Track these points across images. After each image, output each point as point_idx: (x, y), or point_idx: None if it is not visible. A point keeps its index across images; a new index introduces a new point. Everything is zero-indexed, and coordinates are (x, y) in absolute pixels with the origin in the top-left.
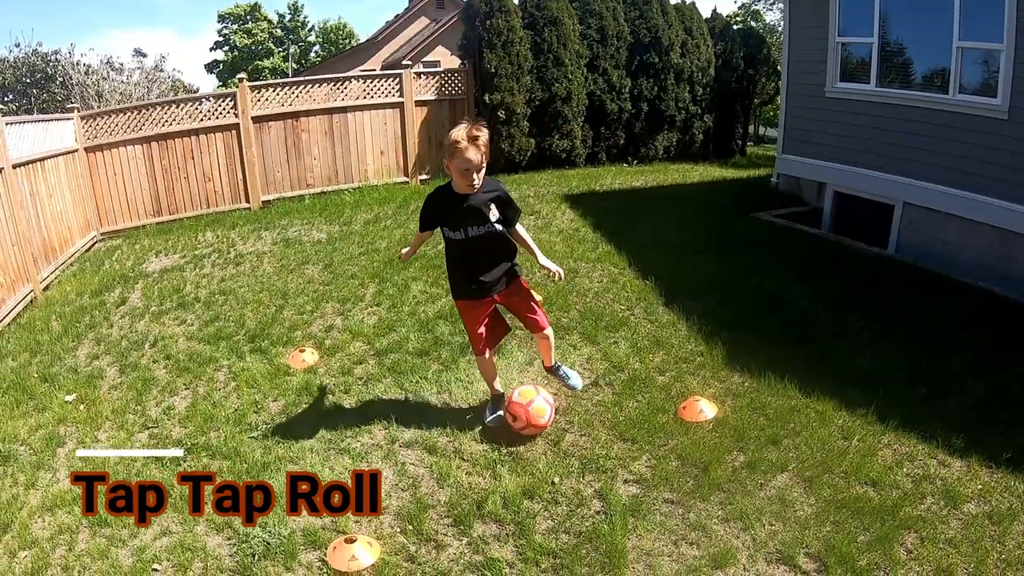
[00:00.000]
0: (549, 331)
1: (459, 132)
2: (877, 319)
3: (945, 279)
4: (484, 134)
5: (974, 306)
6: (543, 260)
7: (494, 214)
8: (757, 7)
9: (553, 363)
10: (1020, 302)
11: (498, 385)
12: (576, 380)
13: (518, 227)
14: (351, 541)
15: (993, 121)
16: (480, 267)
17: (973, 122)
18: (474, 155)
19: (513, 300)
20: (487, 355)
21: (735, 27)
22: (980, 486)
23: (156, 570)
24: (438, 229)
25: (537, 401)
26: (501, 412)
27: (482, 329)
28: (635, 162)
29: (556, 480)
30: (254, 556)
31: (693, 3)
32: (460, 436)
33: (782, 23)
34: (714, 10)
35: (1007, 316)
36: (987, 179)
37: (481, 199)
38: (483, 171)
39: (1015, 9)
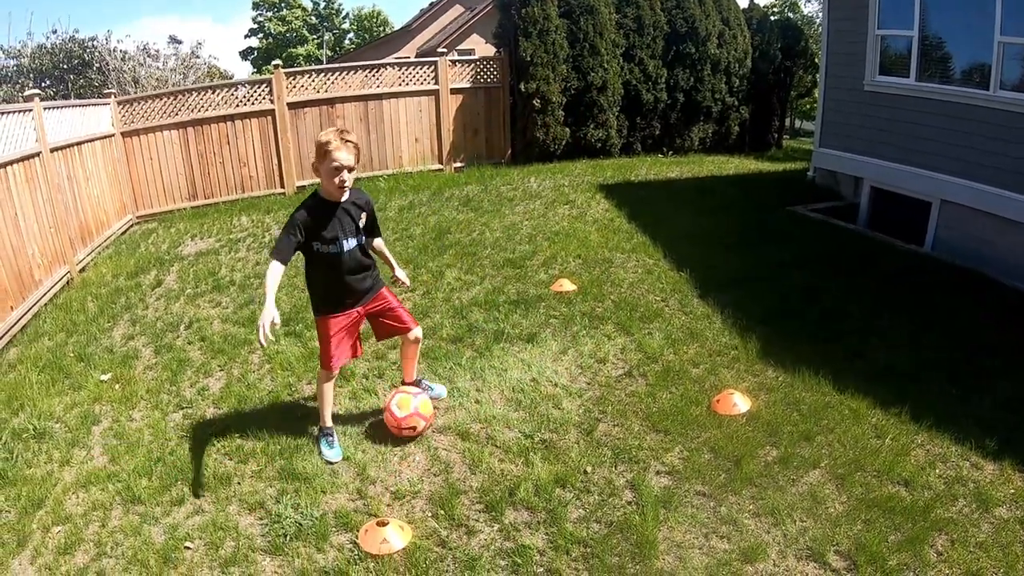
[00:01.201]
0: (418, 332)
1: (329, 133)
2: (912, 317)
3: (983, 278)
4: (354, 136)
5: (1012, 306)
6: (399, 272)
7: (362, 222)
8: None
9: (415, 377)
10: None
11: (330, 416)
12: (439, 389)
13: (378, 240)
14: (383, 524)
15: None
16: (354, 281)
17: (1014, 119)
18: (344, 155)
19: (376, 310)
20: (336, 372)
21: (773, 18)
22: (1013, 490)
23: (188, 548)
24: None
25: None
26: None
27: (346, 344)
28: (670, 153)
29: (588, 469)
30: (286, 536)
31: None
32: (493, 423)
33: (820, 15)
34: (751, 0)
35: None
36: None
37: (353, 210)
38: (353, 174)
39: None
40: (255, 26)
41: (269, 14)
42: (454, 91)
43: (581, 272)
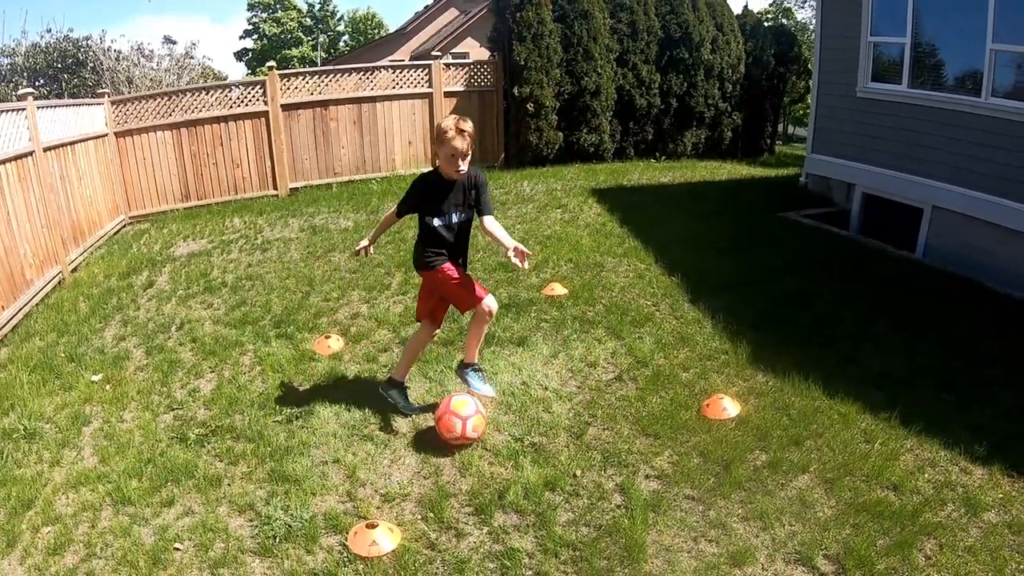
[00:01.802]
0: (493, 303)
1: (448, 122)
2: (903, 323)
3: (974, 285)
4: (470, 125)
5: (1001, 313)
6: (511, 250)
7: (471, 200)
8: (789, 4)
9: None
10: None
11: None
12: (486, 388)
13: (489, 219)
14: (372, 526)
15: None
16: (456, 251)
17: (1005, 126)
18: (460, 143)
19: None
20: (436, 330)
21: (766, 24)
22: (1001, 495)
23: (178, 549)
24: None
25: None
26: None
27: (431, 301)
28: (663, 158)
29: (578, 473)
30: (275, 538)
31: None
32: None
33: (814, 21)
34: (745, 6)
35: None
36: (1019, 184)
37: (466, 185)
38: (468, 159)
39: None
40: (250, 27)
41: (264, 15)
42: (448, 94)
43: (572, 276)
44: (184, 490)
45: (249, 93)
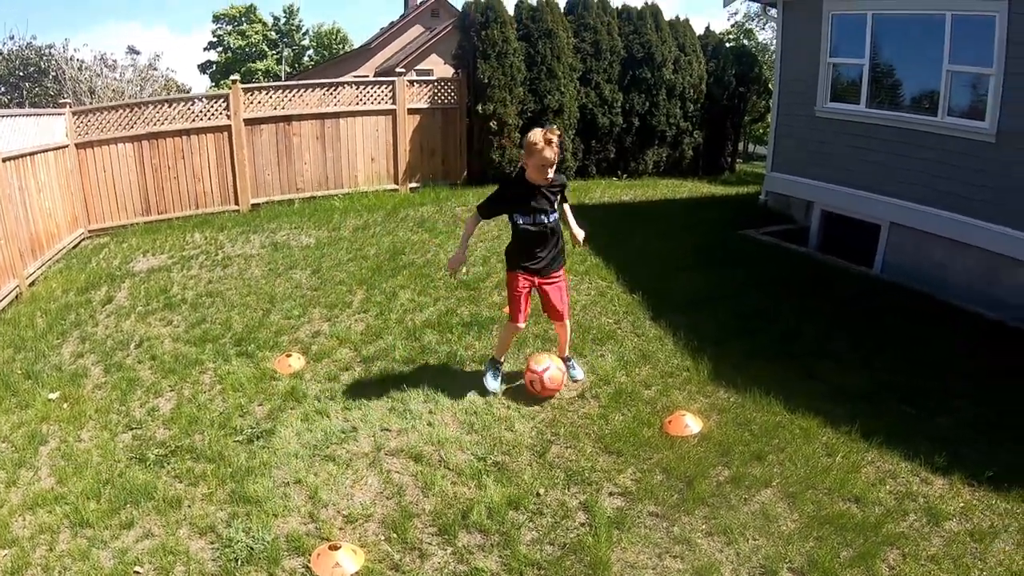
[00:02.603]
0: (568, 323)
1: (537, 135)
2: (862, 338)
3: (930, 299)
4: (557, 135)
5: (960, 327)
6: (575, 228)
7: (557, 203)
8: (750, 26)
9: (567, 354)
10: (1006, 323)
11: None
12: (579, 373)
13: (565, 205)
14: (335, 548)
15: (981, 144)
16: (539, 251)
17: (961, 145)
18: (549, 154)
19: (546, 288)
20: (522, 325)
21: (728, 45)
22: (962, 504)
23: (138, 572)
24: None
25: (551, 369)
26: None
27: (523, 299)
28: (625, 176)
29: (541, 491)
30: (237, 561)
31: (687, 20)
32: (446, 445)
33: (774, 42)
34: (707, 27)
35: (994, 337)
36: (974, 201)
37: (553, 190)
38: (555, 167)
39: (1005, 34)
40: (215, 39)
41: (229, 28)
42: (411, 111)
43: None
44: (143, 512)
45: (212, 106)
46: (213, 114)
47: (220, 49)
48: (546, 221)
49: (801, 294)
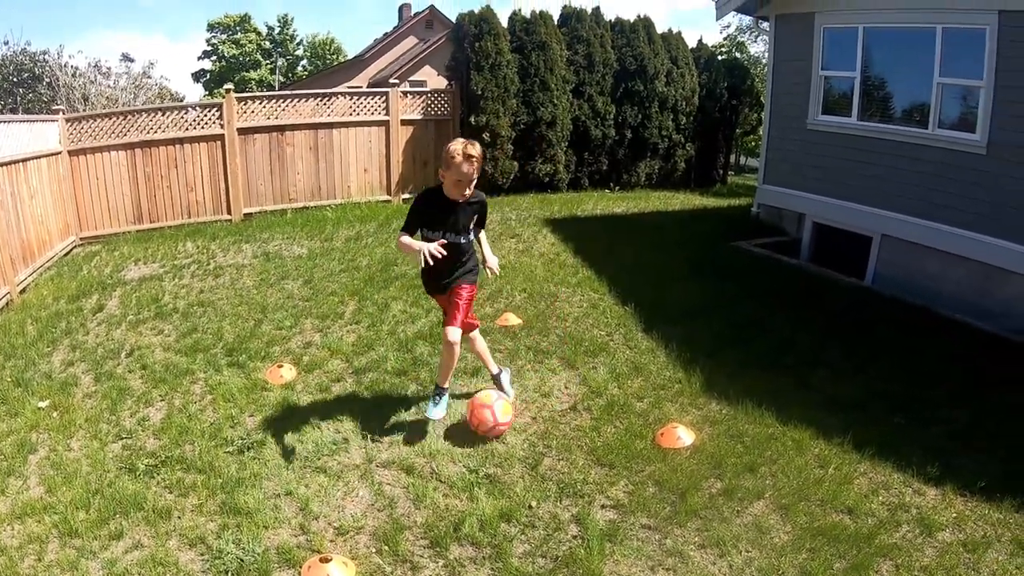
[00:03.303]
0: (452, 336)
1: (456, 147)
2: (854, 349)
3: (922, 311)
4: (478, 150)
5: (951, 338)
6: (488, 255)
7: (472, 223)
8: (742, 39)
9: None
10: (996, 334)
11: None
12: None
13: (481, 231)
14: (326, 560)
15: (971, 156)
16: (442, 270)
17: (952, 157)
18: (467, 168)
19: (443, 299)
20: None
21: (720, 58)
22: (955, 514)
23: None
24: None
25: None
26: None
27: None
28: (617, 188)
29: (533, 504)
30: (227, 572)
31: (679, 33)
32: (438, 457)
33: (766, 55)
34: (700, 40)
35: (985, 348)
36: (964, 213)
37: (467, 210)
38: (474, 183)
39: (995, 47)
40: (209, 48)
41: (224, 37)
42: (404, 122)
43: (526, 306)
44: (133, 522)
45: (205, 115)
46: (206, 123)
47: (214, 58)
48: (460, 241)
49: (793, 306)
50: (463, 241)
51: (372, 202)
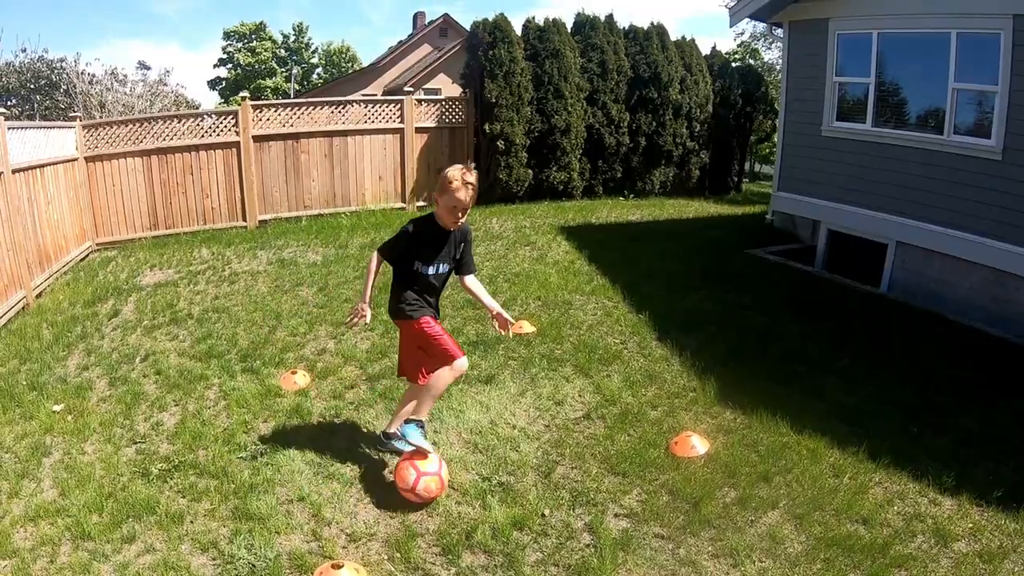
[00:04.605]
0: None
1: (455, 172)
2: (868, 357)
3: (937, 317)
4: (475, 177)
5: (966, 345)
6: (497, 310)
7: (458, 254)
8: (756, 45)
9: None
10: (1012, 341)
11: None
12: (404, 446)
13: (470, 277)
14: (338, 567)
15: (987, 162)
16: (435, 301)
17: (967, 163)
18: (464, 196)
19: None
20: (464, 358)
21: (734, 64)
22: (971, 524)
23: None
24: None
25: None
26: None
27: (448, 335)
28: (631, 196)
29: (546, 512)
30: None
31: (693, 40)
32: (450, 465)
33: (780, 62)
34: (713, 47)
35: (999, 354)
36: (980, 219)
37: (457, 238)
38: (467, 212)
39: (1010, 51)
40: (224, 56)
41: (239, 45)
42: (419, 130)
43: (540, 314)
44: (145, 526)
45: (221, 123)
46: (222, 130)
47: (230, 66)
48: (449, 269)
49: (808, 314)
50: (451, 269)
51: (387, 209)
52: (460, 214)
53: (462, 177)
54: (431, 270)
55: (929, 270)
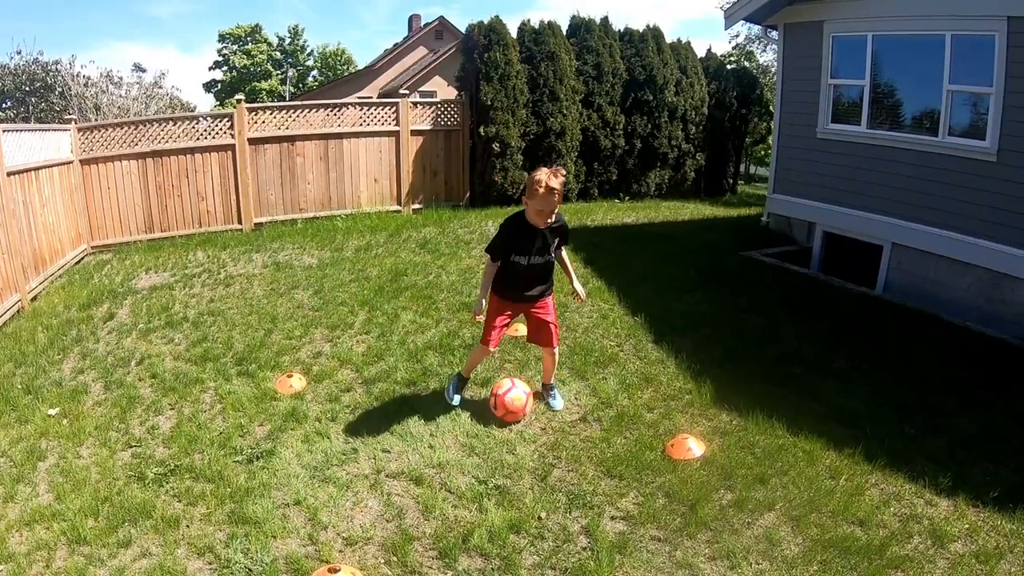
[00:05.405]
0: (556, 351)
1: (541, 177)
2: (864, 358)
3: (933, 318)
4: (561, 181)
5: (961, 345)
6: (576, 284)
7: (554, 244)
8: (751, 48)
9: (551, 382)
10: (1007, 342)
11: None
12: (558, 403)
13: (563, 251)
14: (334, 571)
15: (982, 163)
16: (528, 286)
17: (962, 164)
18: (550, 200)
19: (536, 315)
20: (493, 348)
21: (729, 67)
22: (967, 525)
23: None
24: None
25: (513, 391)
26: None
27: (500, 326)
28: (627, 198)
29: (543, 515)
30: None
31: (688, 42)
32: (447, 468)
33: (775, 64)
34: (709, 49)
35: (995, 355)
36: (975, 221)
37: (550, 234)
38: (556, 212)
39: (1005, 53)
40: (220, 58)
41: (235, 47)
42: (414, 132)
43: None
44: (141, 531)
45: (216, 125)
46: (217, 133)
47: (225, 68)
48: (544, 260)
49: (804, 316)
50: (550, 259)
51: (382, 212)
52: (549, 215)
53: (547, 183)
54: (523, 260)
55: (924, 271)
